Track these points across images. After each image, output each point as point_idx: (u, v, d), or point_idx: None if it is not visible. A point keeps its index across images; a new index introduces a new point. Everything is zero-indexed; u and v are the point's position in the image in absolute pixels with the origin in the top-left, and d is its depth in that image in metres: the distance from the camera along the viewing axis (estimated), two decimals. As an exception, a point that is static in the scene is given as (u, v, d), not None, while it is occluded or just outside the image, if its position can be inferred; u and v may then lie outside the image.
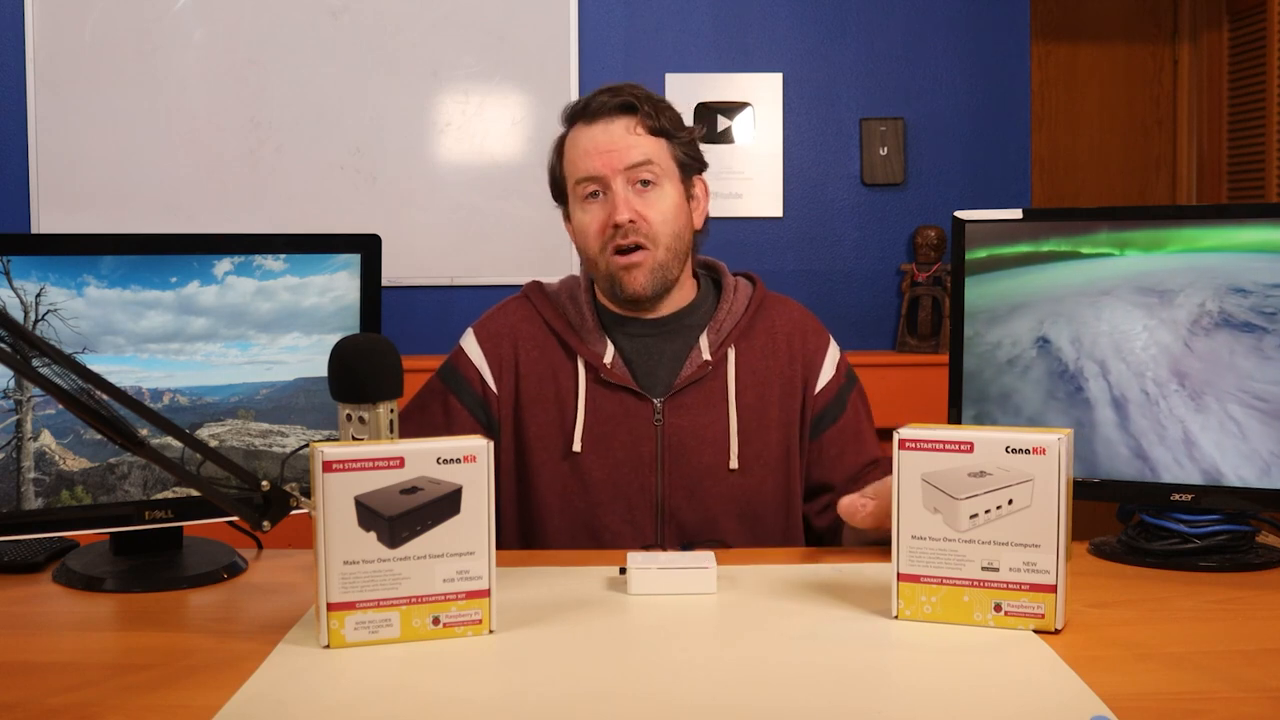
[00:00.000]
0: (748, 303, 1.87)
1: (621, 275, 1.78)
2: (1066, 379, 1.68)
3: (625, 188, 1.77)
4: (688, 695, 1.17)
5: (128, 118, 3.47)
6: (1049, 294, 1.70)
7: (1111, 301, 1.67)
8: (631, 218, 1.75)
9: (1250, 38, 3.84)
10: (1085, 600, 1.45)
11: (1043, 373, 1.70)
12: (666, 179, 1.79)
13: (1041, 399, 1.70)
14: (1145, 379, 1.64)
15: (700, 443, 1.81)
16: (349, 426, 1.45)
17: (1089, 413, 1.67)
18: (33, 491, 1.54)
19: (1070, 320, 1.69)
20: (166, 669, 1.26)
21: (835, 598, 1.47)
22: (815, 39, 3.62)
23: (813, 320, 1.92)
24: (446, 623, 1.33)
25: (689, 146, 1.83)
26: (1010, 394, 1.71)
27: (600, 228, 1.78)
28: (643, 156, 1.77)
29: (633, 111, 1.78)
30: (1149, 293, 1.65)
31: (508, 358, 1.85)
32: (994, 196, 3.61)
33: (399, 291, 3.51)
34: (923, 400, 3.05)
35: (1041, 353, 1.70)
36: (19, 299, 1.50)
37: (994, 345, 1.73)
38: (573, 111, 1.83)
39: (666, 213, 1.78)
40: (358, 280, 1.71)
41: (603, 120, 1.79)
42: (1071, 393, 1.68)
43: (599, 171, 1.77)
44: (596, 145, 1.77)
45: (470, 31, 3.53)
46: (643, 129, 1.78)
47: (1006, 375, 1.72)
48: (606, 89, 1.81)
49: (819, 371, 1.87)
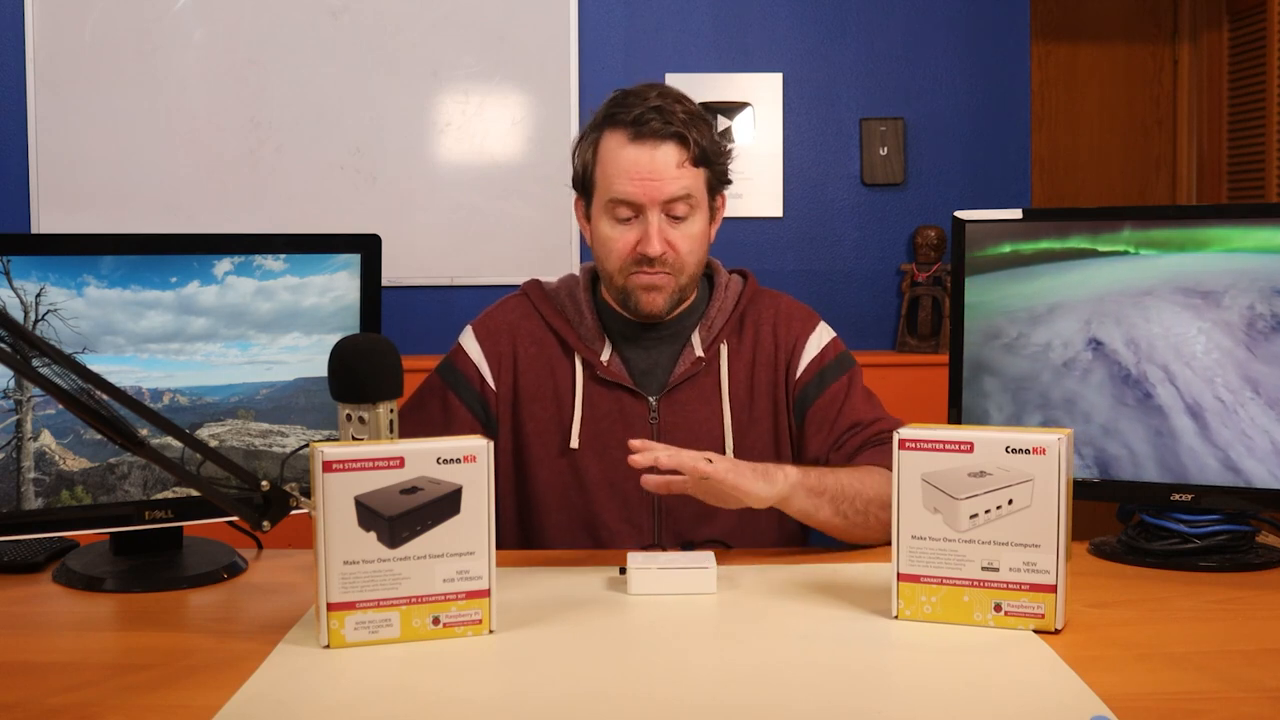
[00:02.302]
0: (738, 298, 1.88)
1: (640, 295, 1.78)
2: (1131, 384, 1.65)
3: (659, 218, 1.75)
4: (688, 695, 1.17)
5: (128, 118, 3.47)
6: (1087, 293, 1.67)
7: (1156, 303, 1.64)
8: (662, 250, 1.75)
9: (1250, 38, 3.84)
10: (1085, 600, 1.45)
11: (1104, 377, 1.66)
12: (698, 209, 1.78)
13: (1109, 405, 1.66)
14: (1215, 385, 1.61)
15: (695, 438, 1.81)
16: (349, 426, 1.45)
17: (1165, 421, 1.63)
18: (33, 491, 1.54)
19: (1119, 321, 1.66)
20: (166, 669, 1.26)
21: (835, 598, 1.47)
22: (815, 39, 3.62)
23: (800, 309, 1.91)
24: (446, 623, 1.33)
25: (723, 169, 1.82)
26: (1074, 399, 1.68)
27: (627, 250, 1.76)
28: (683, 191, 1.75)
29: (683, 143, 1.74)
30: (1191, 294, 1.62)
31: (506, 355, 1.86)
32: (994, 196, 3.60)
33: (399, 291, 3.51)
34: (923, 400, 3.05)
35: (1097, 355, 1.66)
36: (19, 299, 1.50)
37: (1044, 346, 1.70)
38: (619, 116, 1.76)
39: (695, 241, 1.78)
40: (358, 280, 1.71)
41: (650, 143, 1.73)
42: (1141, 399, 1.64)
43: (638, 199, 1.74)
44: (640, 170, 1.73)
45: (470, 31, 3.53)
46: (689, 161, 1.75)
47: (1066, 379, 1.68)
48: (656, 106, 1.74)
49: (801, 355, 1.85)
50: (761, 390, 1.84)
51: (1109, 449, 1.66)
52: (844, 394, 1.84)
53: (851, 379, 1.86)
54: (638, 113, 1.74)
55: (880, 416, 1.82)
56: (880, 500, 1.67)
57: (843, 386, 1.84)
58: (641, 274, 1.76)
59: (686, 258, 1.77)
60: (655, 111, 1.74)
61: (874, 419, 1.81)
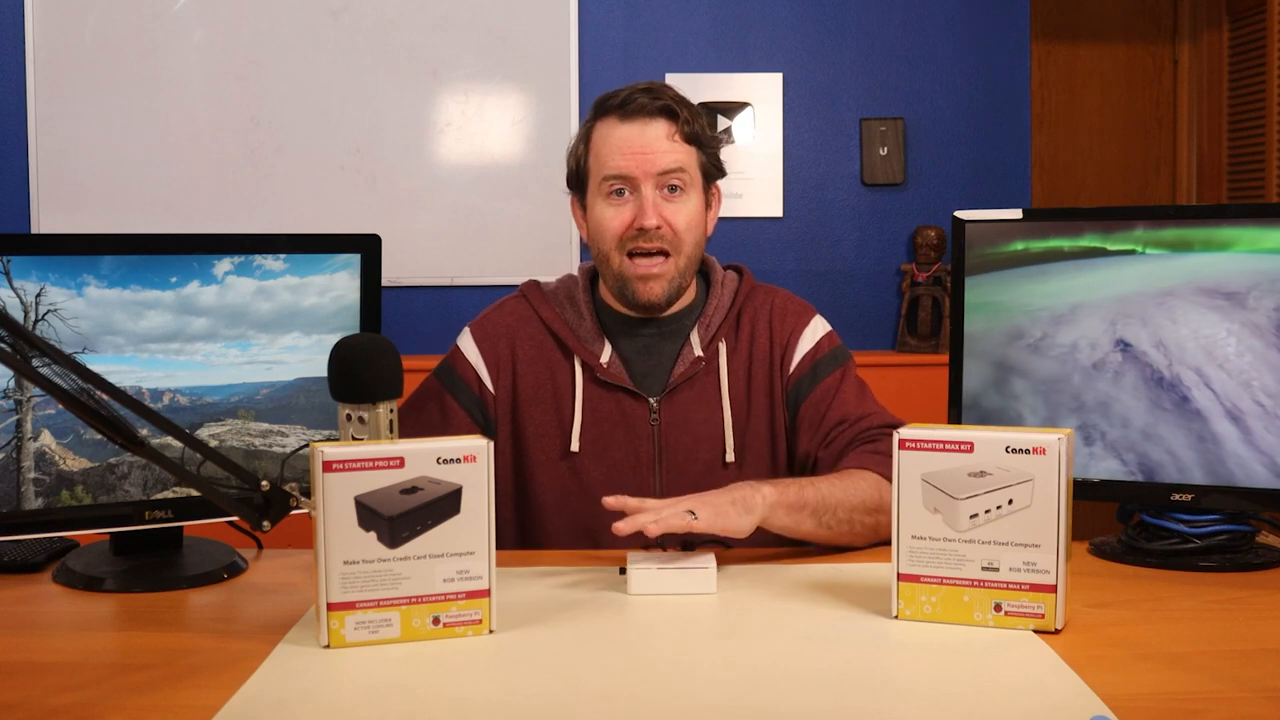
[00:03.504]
0: (734, 295, 1.87)
1: (637, 284, 1.78)
2: (1166, 387, 1.63)
3: (654, 192, 1.76)
4: (688, 695, 1.17)
5: (127, 118, 3.47)
6: (1108, 293, 1.66)
7: (1179, 303, 1.62)
8: (658, 223, 1.75)
9: (1250, 38, 3.84)
10: (1085, 600, 1.45)
11: (1137, 379, 1.65)
12: (692, 187, 1.79)
13: (1146, 409, 1.64)
14: (1253, 389, 1.59)
15: (696, 439, 1.81)
16: (349, 426, 1.45)
17: (1206, 425, 1.62)
18: (33, 491, 1.54)
19: (1144, 322, 1.64)
20: (166, 669, 1.26)
21: (835, 598, 1.46)
22: (815, 39, 3.62)
23: (795, 302, 1.90)
24: (446, 623, 1.33)
25: (714, 156, 1.83)
26: (1109, 402, 1.66)
27: (622, 227, 1.77)
28: (676, 164, 1.76)
29: (672, 117, 1.77)
30: (1214, 294, 1.61)
31: (505, 358, 1.85)
32: (994, 196, 3.61)
33: (399, 291, 3.51)
34: (923, 400, 3.05)
35: (1127, 357, 1.65)
36: (19, 299, 1.50)
37: (1070, 347, 1.68)
38: (608, 104, 1.80)
39: (690, 220, 1.78)
40: (358, 280, 1.71)
41: (640, 120, 1.76)
42: (1178, 402, 1.63)
43: (631, 172, 1.75)
44: (631, 145, 1.76)
45: (470, 31, 3.53)
46: (679, 136, 1.77)
47: (1098, 381, 1.67)
48: (644, 88, 1.78)
49: (795, 348, 1.85)
50: (759, 387, 1.84)
51: (1152, 454, 1.64)
52: (835, 388, 1.84)
53: (845, 372, 1.86)
54: (625, 95, 1.78)
55: (868, 412, 1.81)
56: (864, 506, 1.66)
57: (835, 381, 1.84)
58: (639, 262, 1.76)
59: (683, 234, 1.77)
60: (643, 92, 1.78)
61: (860, 415, 1.80)
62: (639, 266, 1.77)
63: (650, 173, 1.75)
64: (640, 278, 1.77)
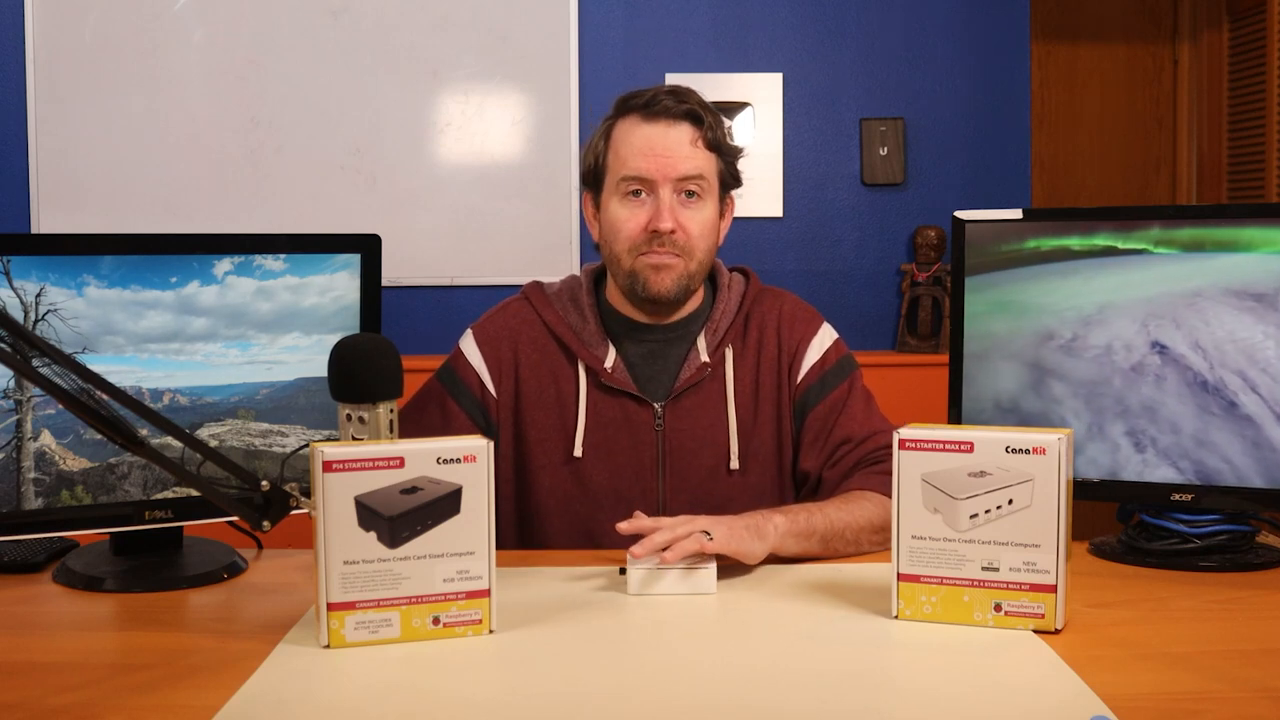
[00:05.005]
0: (741, 299, 1.87)
1: (649, 275, 1.76)
2: (1211, 391, 1.61)
3: (671, 196, 1.75)
4: (688, 695, 1.17)
5: (127, 118, 3.47)
6: (1135, 293, 1.64)
7: (1209, 305, 1.61)
8: (673, 227, 1.74)
9: (1250, 38, 3.84)
10: (1085, 600, 1.45)
11: (1179, 383, 1.62)
12: (709, 195, 1.78)
13: (1194, 414, 1.62)
14: None
15: (700, 446, 1.80)
16: (349, 426, 1.45)
17: (1259, 431, 1.59)
18: (33, 491, 1.54)
19: (1177, 324, 1.62)
20: (166, 669, 1.26)
21: (835, 598, 1.47)
22: (815, 39, 3.62)
23: (804, 309, 1.90)
24: (446, 623, 1.33)
25: (733, 165, 1.83)
26: (1155, 407, 1.64)
27: (637, 229, 1.75)
28: (696, 170, 1.75)
29: (697, 122, 1.76)
30: (1243, 296, 1.59)
31: (507, 361, 1.84)
32: (994, 196, 3.60)
33: (399, 291, 3.51)
34: (923, 400, 3.05)
35: (1166, 360, 1.63)
36: (19, 299, 1.50)
37: (1104, 349, 1.66)
38: (632, 102, 1.79)
39: (705, 227, 1.78)
40: (358, 280, 1.71)
41: (664, 122, 1.76)
42: (1226, 407, 1.61)
43: (651, 175, 1.74)
44: (653, 147, 1.75)
45: (470, 31, 3.53)
46: (702, 142, 1.77)
47: (1140, 385, 1.64)
48: (669, 90, 1.78)
49: (803, 358, 1.84)
50: (766, 394, 1.83)
51: (1208, 462, 1.62)
52: (843, 401, 1.83)
53: (852, 384, 1.85)
54: (651, 95, 1.77)
55: (874, 430, 1.81)
56: (871, 526, 1.67)
57: (843, 393, 1.84)
58: (651, 253, 1.75)
59: (697, 241, 1.76)
60: (669, 94, 1.77)
61: (866, 434, 1.80)
62: (652, 256, 1.76)
63: (670, 177, 1.74)
64: (654, 267, 1.75)
